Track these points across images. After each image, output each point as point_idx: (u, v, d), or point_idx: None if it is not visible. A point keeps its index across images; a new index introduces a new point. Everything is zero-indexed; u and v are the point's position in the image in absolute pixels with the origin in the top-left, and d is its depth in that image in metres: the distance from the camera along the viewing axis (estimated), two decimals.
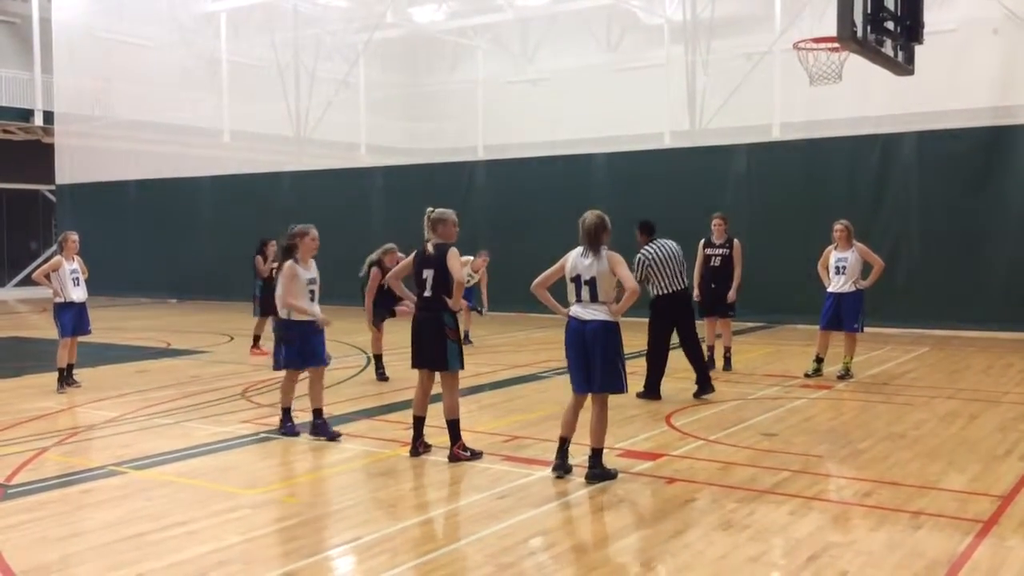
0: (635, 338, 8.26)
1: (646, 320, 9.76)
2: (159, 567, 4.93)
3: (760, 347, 13.72)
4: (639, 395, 9.42)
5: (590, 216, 6.50)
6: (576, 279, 6.46)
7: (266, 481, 6.65)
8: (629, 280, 6.33)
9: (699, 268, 11.20)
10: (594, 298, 6.41)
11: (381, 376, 10.89)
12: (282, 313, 7.90)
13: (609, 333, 6.39)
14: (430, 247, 7.12)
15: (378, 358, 11.00)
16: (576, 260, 6.50)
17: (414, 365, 7.25)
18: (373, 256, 10.88)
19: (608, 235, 6.49)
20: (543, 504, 5.99)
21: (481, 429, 8.07)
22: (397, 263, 10.83)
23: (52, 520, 5.80)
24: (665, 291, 9.46)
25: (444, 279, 7.00)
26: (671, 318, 9.59)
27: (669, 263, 9.45)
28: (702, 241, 11.31)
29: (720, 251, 11.11)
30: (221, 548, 5.20)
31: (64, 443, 7.95)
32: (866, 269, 10.68)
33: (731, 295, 11.09)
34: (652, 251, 9.47)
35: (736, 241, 11.25)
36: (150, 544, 5.28)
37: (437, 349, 7.03)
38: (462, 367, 7.15)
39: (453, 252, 7.04)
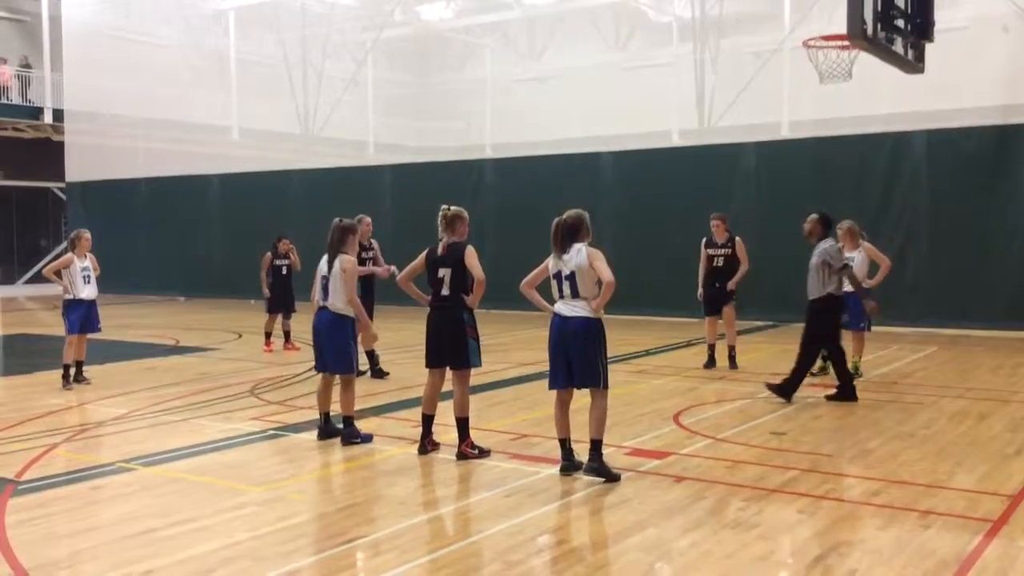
0: (635, 336, 8.23)
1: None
2: (168, 563, 4.94)
3: (768, 346, 13.69)
4: (770, 386, 9.34)
5: (561, 217, 6.55)
6: (557, 275, 6.52)
7: (274, 478, 6.66)
8: (605, 273, 6.32)
9: (702, 267, 11.27)
10: (575, 294, 6.45)
11: (377, 373, 10.85)
12: (346, 309, 7.63)
13: (590, 330, 6.42)
14: (443, 246, 7.12)
15: (369, 354, 10.88)
16: (554, 260, 6.56)
17: (429, 364, 7.23)
18: None
19: (587, 233, 6.52)
20: (551, 502, 6.00)
21: (489, 427, 8.07)
22: (370, 231, 10.82)
23: (61, 516, 5.82)
24: (840, 292, 9.28)
25: (462, 277, 7.02)
26: (837, 317, 9.35)
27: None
28: (703, 240, 11.30)
29: (722, 251, 11.17)
30: (229, 544, 5.21)
31: (74, 439, 7.98)
32: (873, 268, 10.64)
33: (731, 284, 11.10)
34: (836, 247, 9.25)
35: (738, 239, 11.26)
36: (159, 540, 5.30)
37: (458, 347, 7.04)
38: (480, 364, 7.17)
39: (471, 251, 7.05)
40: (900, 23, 8.47)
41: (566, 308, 6.50)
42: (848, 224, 10.62)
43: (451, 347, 7.07)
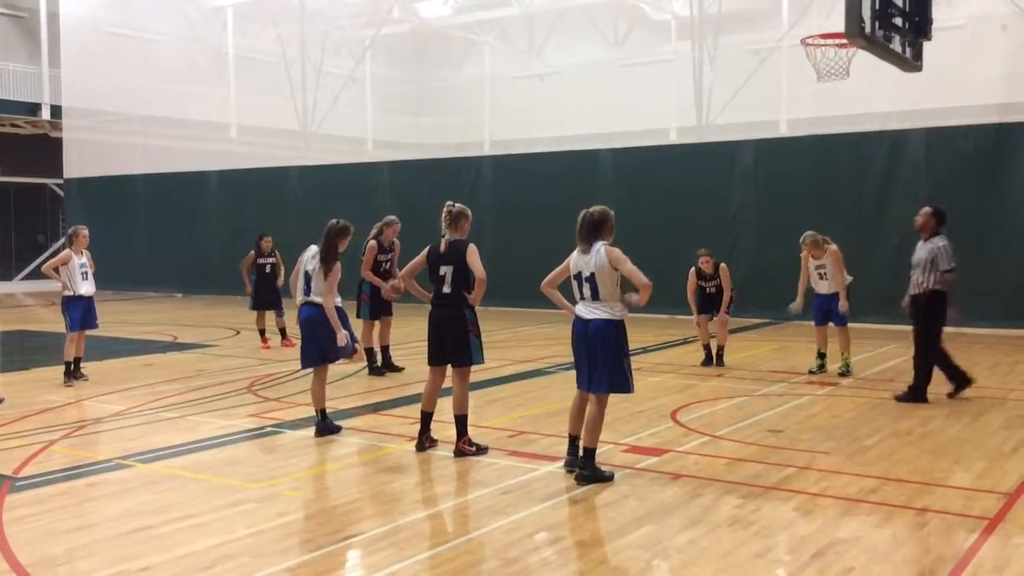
0: (632, 333, 8.17)
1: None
2: (165, 560, 4.95)
3: (765, 343, 13.71)
4: (898, 398, 9.14)
5: (587, 211, 6.40)
6: (577, 276, 6.39)
7: (272, 475, 6.66)
8: (638, 276, 6.21)
9: (692, 295, 11.47)
10: (595, 296, 6.30)
11: (375, 371, 10.85)
12: (338, 302, 7.72)
13: (611, 332, 6.27)
14: (445, 243, 7.10)
15: (370, 352, 10.83)
16: (577, 257, 6.42)
17: (431, 362, 7.22)
18: (374, 230, 10.64)
19: (610, 231, 6.39)
20: (548, 499, 6.00)
21: (487, 424, 8.08)
22: (396, 235, 10.84)
23: (59, 513, 5.83)
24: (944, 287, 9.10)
25: (464, 275, 7.00)
26: (943, 313, 9.13)
27: None
28: (693, 270, 11.41)
29: (712, 282, 11.42)
30: (228, 541, 5.22)
31: (71, 436, 7.98)
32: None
33: (723, 311, 11.37)
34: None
35: (722, 266, 11.38)
36: (156, 537, 5.30)
37: (460, 345, 7.04)
38: (482, 361, 7.16)
39: (473, 249, 7.03)
40: (898, 21, 8.47)
41: (586, 310, 6.35)
42: (811, 237, 10.63)
43: (453, 344, 7.06)
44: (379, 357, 11.01)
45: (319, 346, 7.75)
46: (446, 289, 7.06)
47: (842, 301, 10.54)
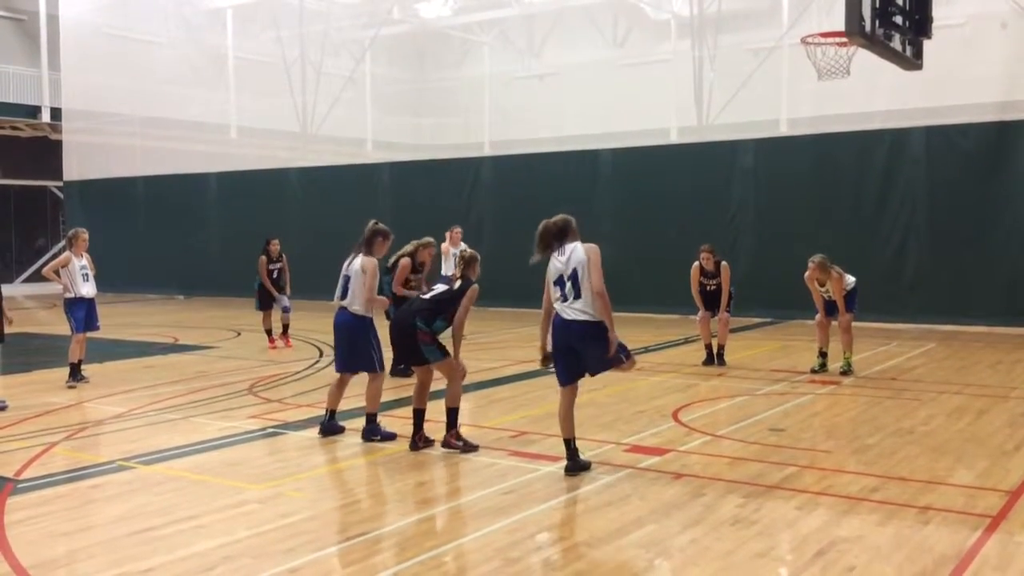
0: (633, 333, 8.20)
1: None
2: (167, 561, 4.95)
3: (767, 343, 13.70)
4: None
5: (550, 220, 6.54)
6: (559, 280, 6.44)
7: (274, 476, 6.66)
8: (596, 277, 6.29)
9: (696, 290, 11.46)
10: (577, 295, 6.33)
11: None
12: (364, 311, 7.64)
13: (597, 330, 6.32)
14: (458, 277, 7.32)
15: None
16: (552, 263, 6.51)
17: (393, 362, 7.35)
18: (408, 247, 10.48)
19: (575, 235, 6.50)
20: (550, 499, 6.00)
21: (488, 424, 8.08)
22: (430, 257, 10.87)
23: (60, 515, 5.83)
24: None
25: (448, 306, 7.16)
26: None
27: None
28: (696, 266, 11.39)
29: (714, 280, 11.41)
30: (229, 542, 5.22)
31: (72, 438, 7.98)
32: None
33: (722, 310, 11.38)
34: None
35: (724, 264, 11.37)
36: (158, 539, 5.30)
37: (412, 351, 7.18)
38: (440, 358, 7.14)
39: (473, 294, 7.17)
40: (898, 20, 8.46)
41: (569, 310, 6.38)
42: (820, 259, 10.57)
43: (407, 352, 7.26)
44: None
45: (342, 354, 7.82)
46: (425, 295, 7.30)
47: (841, 316, 10.59)
